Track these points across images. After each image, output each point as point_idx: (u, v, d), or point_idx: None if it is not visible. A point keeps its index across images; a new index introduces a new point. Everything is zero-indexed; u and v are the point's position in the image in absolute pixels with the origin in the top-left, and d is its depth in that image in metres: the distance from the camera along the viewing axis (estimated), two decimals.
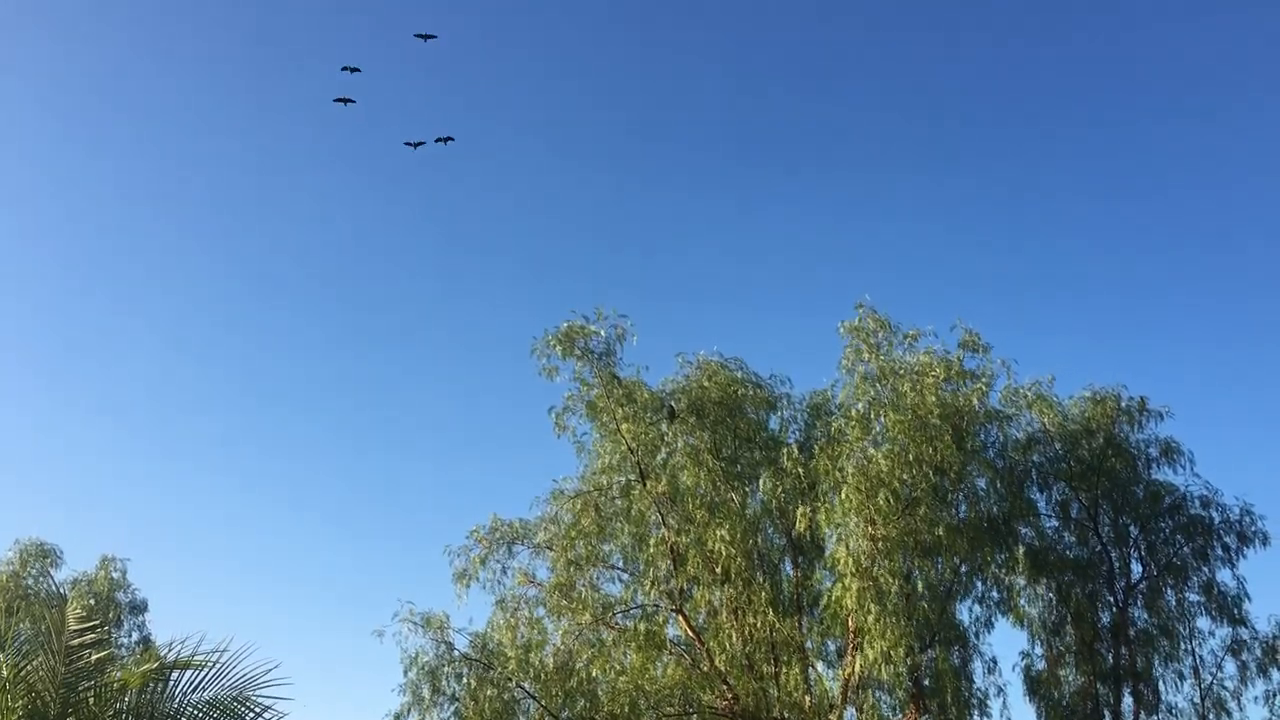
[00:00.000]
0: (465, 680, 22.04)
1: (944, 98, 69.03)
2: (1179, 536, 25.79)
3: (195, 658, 10.18)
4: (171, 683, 10.42)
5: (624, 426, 22.13)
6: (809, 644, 22.46)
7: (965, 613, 24.77)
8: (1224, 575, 25.63)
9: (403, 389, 71.44)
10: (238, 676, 10.08)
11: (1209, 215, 61.70)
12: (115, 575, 32.00)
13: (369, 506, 68.35)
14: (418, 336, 71.33)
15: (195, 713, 10.08)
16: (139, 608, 32.55)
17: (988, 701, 24.18)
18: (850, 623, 20.04)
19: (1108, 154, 65.11)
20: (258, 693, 10.05)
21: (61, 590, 29.55)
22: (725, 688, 21.02)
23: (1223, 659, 26.51)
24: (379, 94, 67.59)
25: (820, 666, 22.75)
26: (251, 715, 10.01)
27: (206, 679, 10.17)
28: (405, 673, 22.53)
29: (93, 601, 29.22)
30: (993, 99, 67.31)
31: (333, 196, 71.89)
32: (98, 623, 11.42)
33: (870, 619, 18.90)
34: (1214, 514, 25.73)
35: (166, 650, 10.76)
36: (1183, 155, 62.91)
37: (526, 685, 21.62)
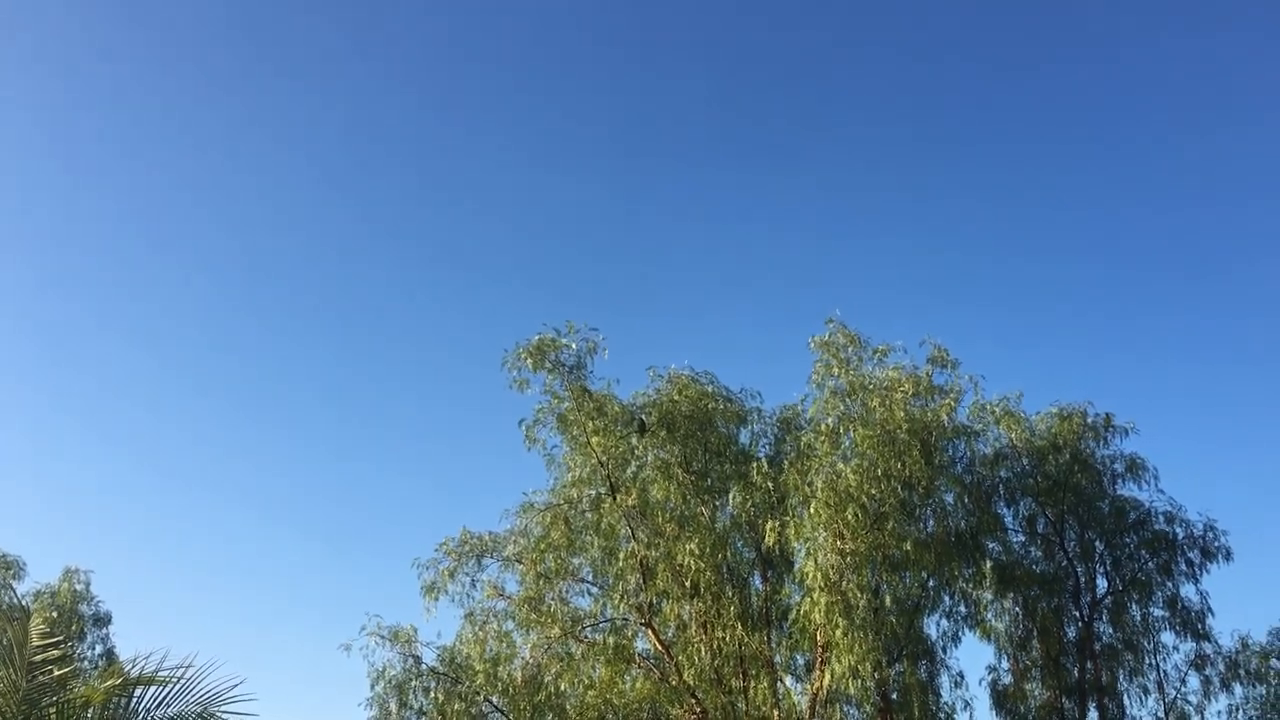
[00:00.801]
0: (433, 694, 21.93)
1: (918, 115, 69.66)
2: (1144, 552, 26.09)
3: (159, 673, 10.08)
4: (135, 699, 10.32)
5: (594, 439, 22.12)
6: (777, 658, 22.51)
7: (933, 627, 24.98)
8: (1188, 590, 25.99)
9: (373, 401, 71.18)
10: (202, 693, 9.98)
11: (1182, 232, 62.45)
12: (79, 587, 31.70)
13: (338, 520, 68.02)
14: (389, 348, 71.13)
15: None
16: (103, 620, 32.25)
17: (955, 715, 24.37)
18: (818, 637, 20.09)
19: (1081, 170, 65.85)
20: (222, 709, 9.97)
21: (24, 603, 29.10)
22: (693, 701, 21.02)
23: (1186, 673, 26.86)
24: (355, 98, 67.44)
25: (789, 680, 22.83)
26: None
27: (171, 695, 10.07)
28: (372, 686, 22.44)
29: (55, 614, 28.80)
30: (964, 116, 68.00)
31: (307, 204, 71.59)
32: (61, 637, 11.28)
33: (838, 633, 18.95)
34: (1178, 529, 26.10)
35: (130, 665, 10.66)
36: (1153, 172, 63.69)
37: (494, 699, 21.54)
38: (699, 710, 20.95)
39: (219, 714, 9.88)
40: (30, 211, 67.67)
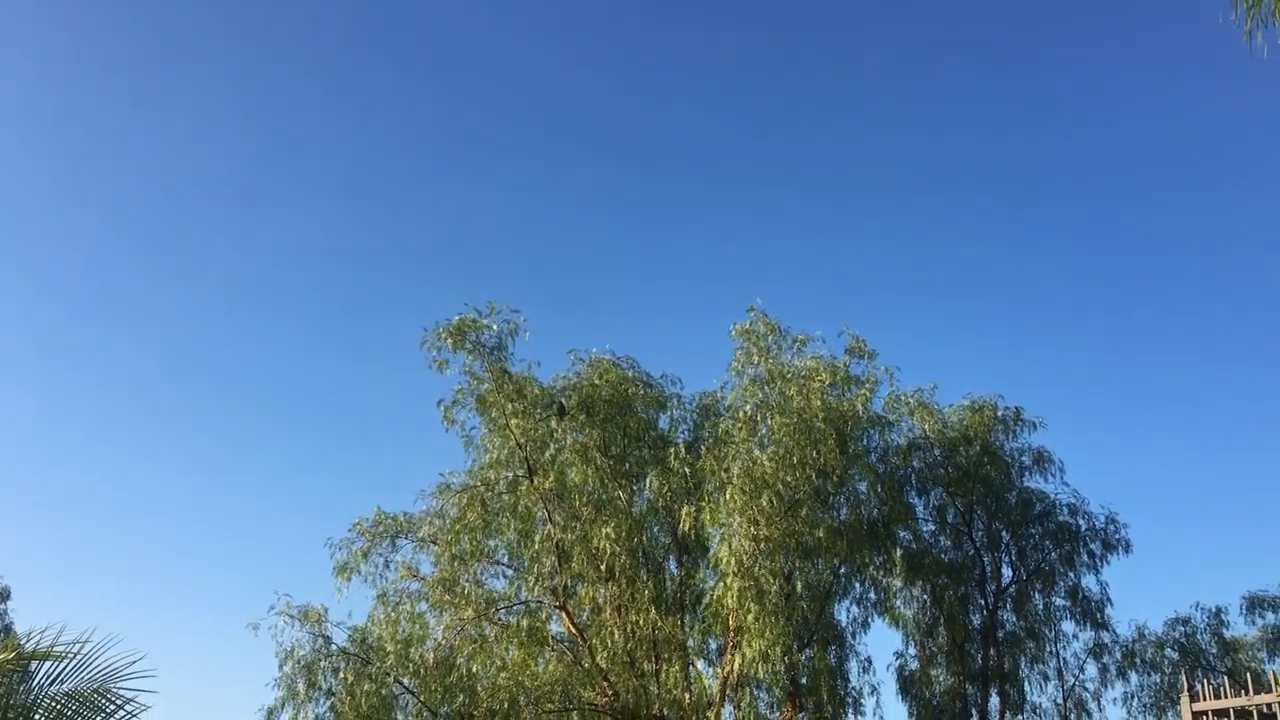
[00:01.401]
0: (342, 674, 21.63)
1: (831, 111, 70.32)
2: (1048, 542, 26.83)
3: (56, 648, 9.79)
4: (30, 674, 10.03)
5: (513, 422, 22.00)
6: (690, 642, 22.69)
7: (843, 613, 25.42)
8: (1089, 581, 26.82)
9: (288, 378, 69.94)
10: (100, 668, 9.73)
11: (1095, 225, 64.03)
12: None
13: (250, 499, 66.69)
14: (307, 327, 69.89)
15: (54, 705, 9.71)
16: (1, 595, 31.61)
17: (862, 700, 24.82)
18: (731, 621, 20.29)
19: (995, 163, 67.09)
20: (120, 685, 9.72)
21: None
22: (606, 684, 21.09)
23: (1085, 661, 27.79)
24: (258, 99, 66.04)
25: (700, 664, 23.06)
26: (113, 708, 9.68)
27: (67, 670, 9.79)
28: (280, 666, 22.06)
29: None
30: (876, 109, 68.81)
31: (193, 182, 69.94)
32: None
33: (750, 618, 19.16)
34: (1081, 521, 26.90)
35: (26, 639, 10.35)
36: (1066, 163, 65.19)
37: (405, 680, 21.34)
38: (611, 693, 21.03)
39: (117, 690, 9.63)
40: None
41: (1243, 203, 61.89)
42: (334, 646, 22.10)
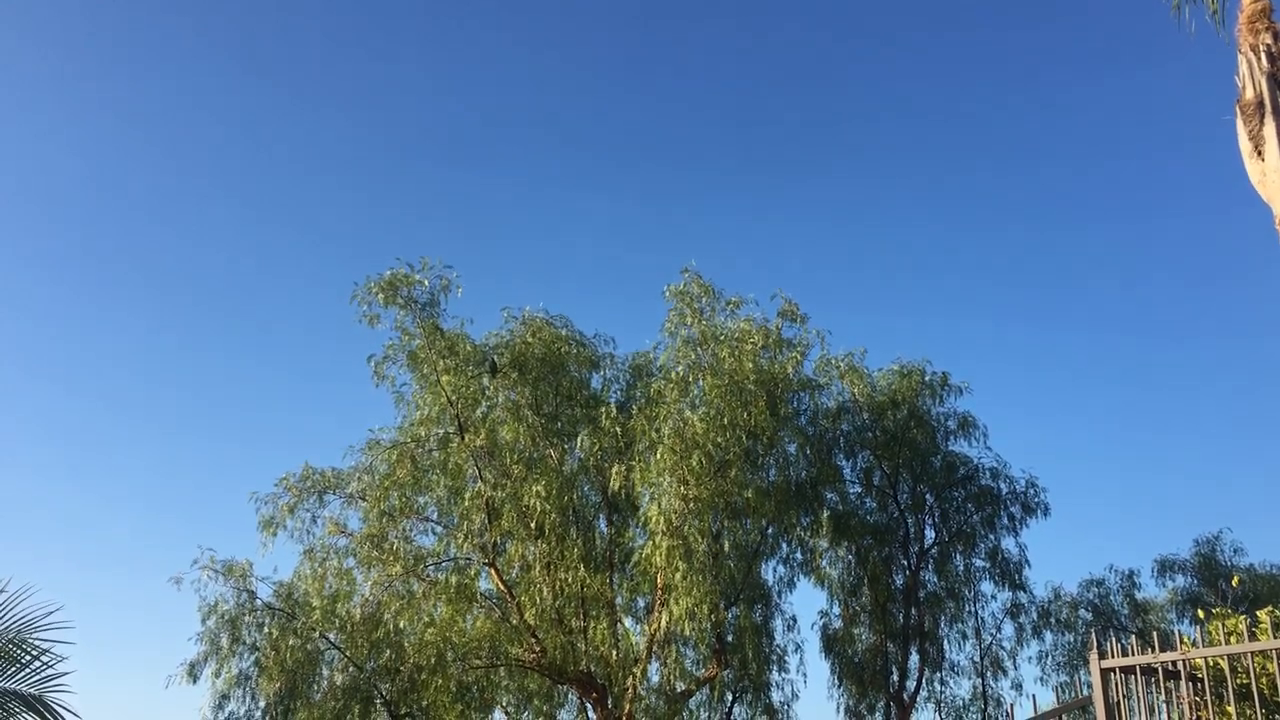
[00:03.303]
0: (267, 630, 21.53)
1: (770, 87, 70.37)
2: (970, 505, 27.45)
3: None
4: None
5: (445, 378, 21.86)
6: (619, 599, 22.85)
7: (770, 572, 25.83)
8: (1008, 543, 27.54)
9: (215, 330, 68.70)
10: (15, 618, 9.57)
11: (1032, 205, 65.07)
12: None
13: (174, 451, 65.59)
14: (236, 281, 68.61)
15: None
16: None
17: (786, 657, 25.37)
18: (659, 580, 20.47)
19: (928, 140, 67.79)
20: (36, 636, 9.57)
21: None
22: (534, 641, 21.19)
23: (1002, 621, 28.59)
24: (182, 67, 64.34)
25: (628, 621, 23.21)
26: (29, 658, 9.53)
27: None
28: (203, 621, 21.91)
29: None
30: (816, 86, 69.03)
31: (113, 149, 68.08)
32: None
33: (678, 576, 19.34)
34: (1002, 485, 27.56)
35: None
36: (1001, 139, 66.08)
37: (331, 636, 21.27)
38: (539, 649, 21.14)
39: (32, 640, 9.47)
40: None
41: (1167, 178, 63.25)
42: (259, 601, 21.96)
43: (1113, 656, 8.28)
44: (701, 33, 69.31)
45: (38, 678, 9.60)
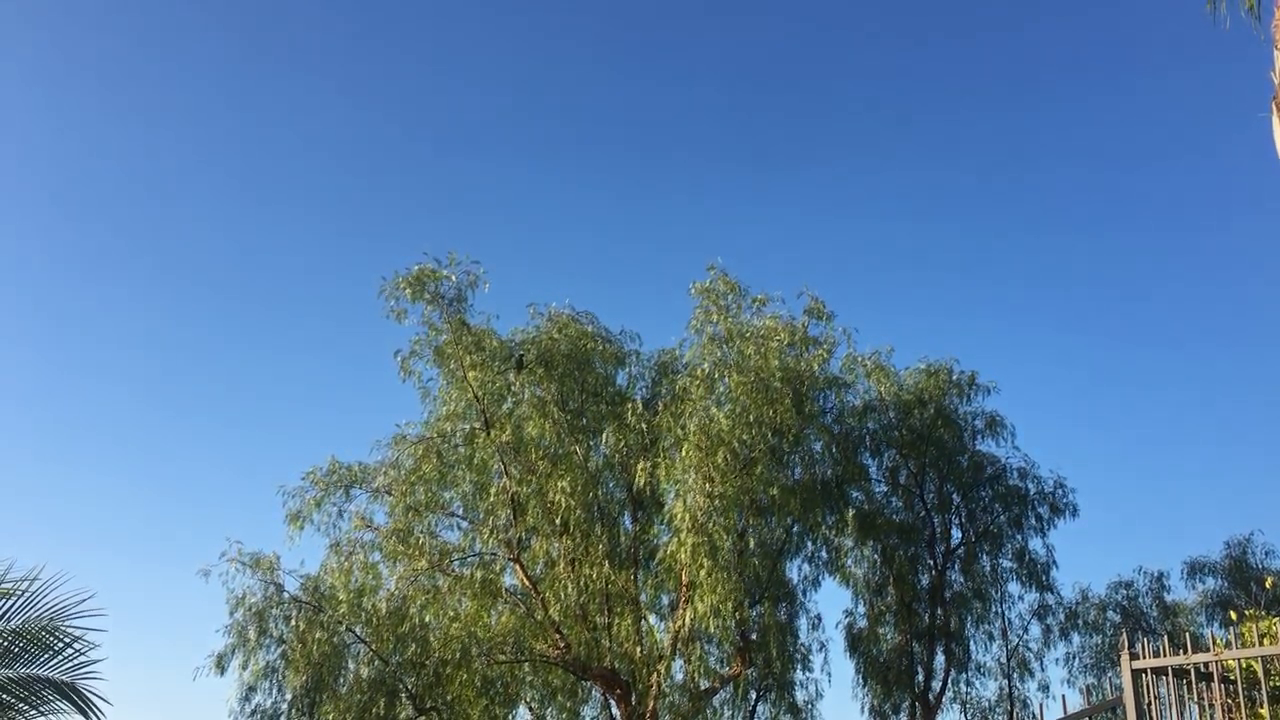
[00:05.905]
0: (294, 622, 21.60)
1: (798, 81, 70.07)
2: (997, 505, 27.26)
3: (4, 584, 9.71)
4: None
5: (471, 374, 21.94)
6: (643, 596, 22.88)
7: (794, 571, 25.75)
8: (1035, 543, 27.31)
9: (243, 326, 69.13)
10: (48, 606, 9.68)
11: (1059, 204, 64.56)
12: None
13: (203, 445, 66.05)
14: (264, 274, 68.99)
15: (1, 641, 9.64)
16: None
17: (810, 656, 25.28)
18: (683, 576, 20.46)
19: (956, 138, 67.34)
20: (69, 623, 9.68)
21: None
22: (558, 637, 21.24)
23: (1029, 622, 28.40)
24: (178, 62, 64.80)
25: (652, 618, 23.25)
26: (61, 645, 9.63)
27: (14, 607, 9.72)
28: (231, 613, 21.98)
29: None
30: (842, 84, 68.70)
31: (133, 129, 68.61)
32: None
33: (702, 573, 19.32)
34: (1030, 485, 27.34)
35: None
36: (1026, 142, 65.55)
37: (357, 629, 21.37)
38: (563, 645, 21.19)
39: (65, 627, 9.58)
40: None
41: (1198, 183, 62.56)
42: (285, 594, 22.05)
43: (1145, 657, 8.21)
44: (748, 29, 69.19)
45: (70, 665, 9.71)
